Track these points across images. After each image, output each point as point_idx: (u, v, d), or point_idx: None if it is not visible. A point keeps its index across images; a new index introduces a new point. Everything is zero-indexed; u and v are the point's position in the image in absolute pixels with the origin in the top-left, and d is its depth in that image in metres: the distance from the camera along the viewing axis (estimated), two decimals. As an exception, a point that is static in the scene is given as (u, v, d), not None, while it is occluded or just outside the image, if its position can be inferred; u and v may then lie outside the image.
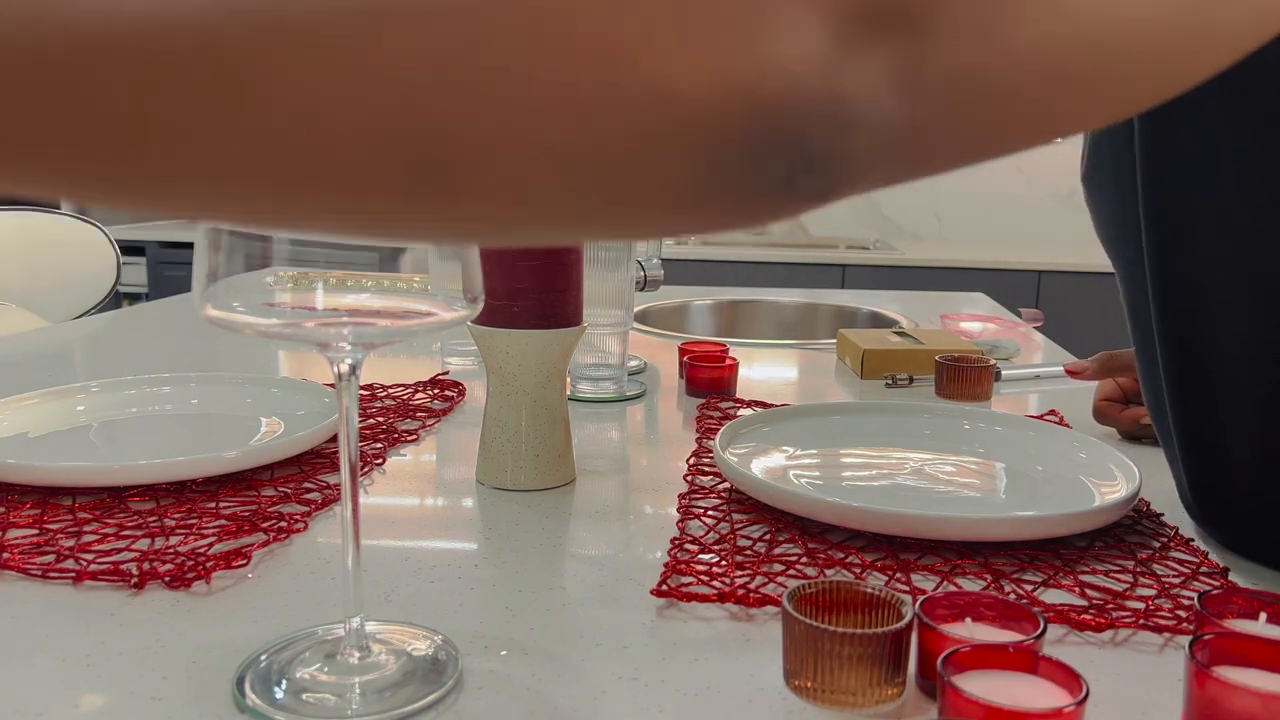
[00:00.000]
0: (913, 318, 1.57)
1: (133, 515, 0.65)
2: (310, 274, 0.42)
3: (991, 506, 0.69)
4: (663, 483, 0.76)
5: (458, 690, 0.46)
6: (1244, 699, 0.39)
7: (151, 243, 3.09)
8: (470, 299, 0.44)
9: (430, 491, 0.73)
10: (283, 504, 0.68)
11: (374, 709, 0.44)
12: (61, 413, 0.85)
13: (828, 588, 0.48)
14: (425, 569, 0.59)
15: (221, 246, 0.40)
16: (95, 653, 0.49)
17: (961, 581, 0.58)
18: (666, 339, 1.38)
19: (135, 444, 0.80)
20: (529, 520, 0.67)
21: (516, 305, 0.70)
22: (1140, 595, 0.56)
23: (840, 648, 0.44)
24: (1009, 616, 0.47)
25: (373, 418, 0.91)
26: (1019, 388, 1.10)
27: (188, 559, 0.58)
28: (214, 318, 0.41)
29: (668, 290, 1.75)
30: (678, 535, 0.64)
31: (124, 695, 0.45)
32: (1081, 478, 0.72)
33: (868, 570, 0.59)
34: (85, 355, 1.24)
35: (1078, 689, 0.39)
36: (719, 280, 2.81)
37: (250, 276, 0.41)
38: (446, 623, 0.52)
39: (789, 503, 0.64)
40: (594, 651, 0.50)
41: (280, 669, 0.46)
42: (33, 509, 0.66)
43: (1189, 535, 0.65)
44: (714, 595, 0.55)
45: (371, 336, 0.43)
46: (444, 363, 1.15)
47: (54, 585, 0.56)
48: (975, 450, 0.80)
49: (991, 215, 3.38)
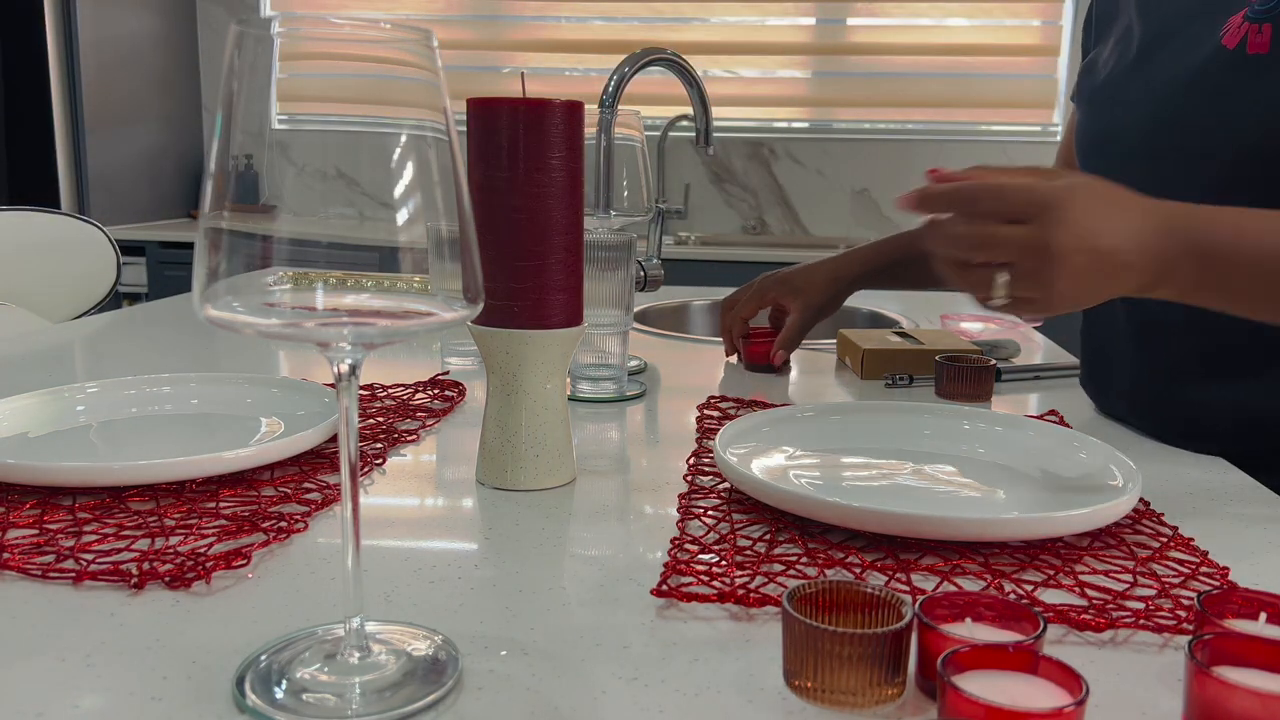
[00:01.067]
0: (913, 318, 1.57)
1: (133, 515, 0.65)
2: (310, 274, 0.42)
3: (991, 506, 0.69)
4: (663, 483, 0.76)
5: (458, 690, 0.46)
6: (1244, 699, 0.39)
7: (151, 243, 3.09)
8: (470, 299, 0.44)
9: (430, 491, 0.73)
10: (283, 504, 0.68)
11: (374, 709, 0.44)
12: (61, 413, 0.85)
13: (828, 588, 0.48)
14: (425, 569, 0.59)
15: (221, 246, 0.40)
16: (95, 653, 0.49)
17: (961, 581, 0.58)
18: (666, 339, 1.38)
19: (135, 444, 0.80)
20: (529, 520, 0.67)
21: (516, 305, 0.70)
22: (1140, 595, 0.56)
23: (840, 648, 0.43)
24: (1009, 616, 0.47)
25: (373, 418, 0.91)
26: (1019, 388, 1.10)
27: (188, 559, 0.58)
28: (214, 318, 0.41)
29: (668, 290, 1.75)
30: (678, 535, 0.64)
31: (124, 695, 0.45)
32: (1081, 478, 0.72)
33: (868, 570, 0.59)
34: (85, 355, 1.24)
35: (1078, 689, 0.39)
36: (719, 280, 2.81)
37: (250, 276, 0.41)
38: (446, 623, 0.52)
39: (789, 503, 0.64)
40: (594, 651, 0.50)
41: (280, 669, 0.46)
42: (33, 509, 0.66)
43: (1189, 535, 0.65)
44: (714, 595, 0.55)
45: (371, 336, 0.43)
46: (444, 363, 1.15)
47: (54, 585, 0.56)
48: (975, 450, 0.80)
49: (991, 215, 3.37)
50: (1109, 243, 0.66)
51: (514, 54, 3.48)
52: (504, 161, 0.69)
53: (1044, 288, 0.66)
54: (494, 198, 0.69)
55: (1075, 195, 0.66)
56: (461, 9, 3.49)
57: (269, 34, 0.40)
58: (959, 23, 3.28)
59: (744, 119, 3.40)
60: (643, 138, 1.32)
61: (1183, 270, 0.67)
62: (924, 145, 3.34)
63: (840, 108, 3.39)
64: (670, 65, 1.38)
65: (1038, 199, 0.65)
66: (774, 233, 3.43)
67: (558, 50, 3.45)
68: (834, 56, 3.37)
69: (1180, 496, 0.74)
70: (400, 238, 0.41)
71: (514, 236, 0.70)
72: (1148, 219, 0.68)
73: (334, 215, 0.41)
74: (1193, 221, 0.68)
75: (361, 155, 0.41)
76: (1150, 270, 0.67)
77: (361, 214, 0.42)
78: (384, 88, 0.43)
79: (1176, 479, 0.78)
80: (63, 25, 3.08)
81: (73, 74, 3.10)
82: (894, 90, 3.33)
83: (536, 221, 0.70)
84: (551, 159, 0.69)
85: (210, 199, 0.41)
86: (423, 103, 0.42)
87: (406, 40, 0.42)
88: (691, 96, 1.43)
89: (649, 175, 1.34)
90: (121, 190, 3.33)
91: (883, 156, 3.36)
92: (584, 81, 3.43)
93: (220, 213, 0.41)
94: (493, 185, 0.69)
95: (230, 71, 0.41)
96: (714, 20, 3.39)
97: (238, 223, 0.40)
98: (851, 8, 3.33)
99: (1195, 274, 0.67)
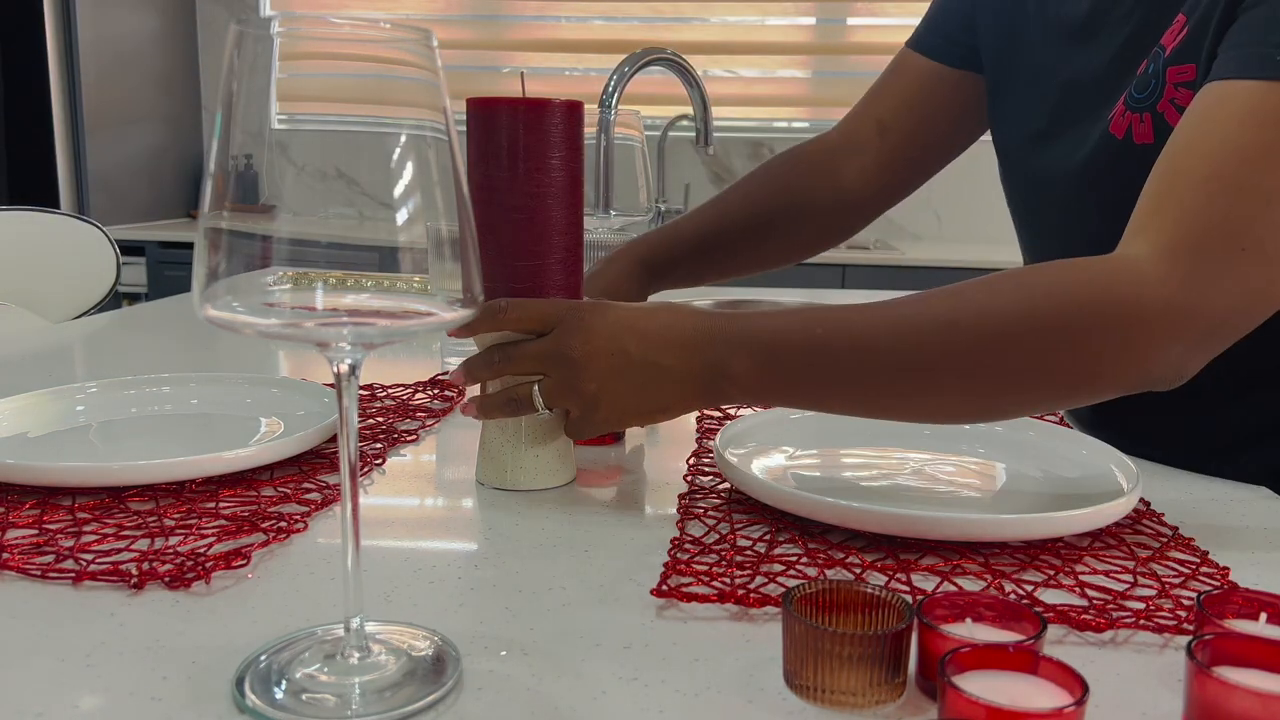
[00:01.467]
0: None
1: (132, 515, 0.65)
2: (310, 274, 0.42)
3: (991, 506, 0.69)
4: (663, 483, 0.76)
5: (458, 690, 0.46)
6: (1244, 699, 0.39)
7: (151, 243, 3.09)
8: (470, 299, 0.44)
9: (430, 491, 0.73)
10: (282, 504, 0.68)
11: (374, 709, 0.44)
12: (61, 413, 0.85)
13: (828, 588, 0.48)
14: (425, 569, 0.59)
15: (221, 246, 0.40)
16: (95, 653, 0.49)
17: (961, 581, 0.58)
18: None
19: (135, 444, 0.80)
20: (529, 520, 0.67)
21: (516, 305, 0.70)
22: (1140, 595, 0.56)
23: (840, 648, 0.43)
24: (1009, 616, 0.47)
25: (372, 418, 0.91)
26: (1019, 388, 1.10)
27: (188, 559, 0.58)
28: (214, 318, 0.41)
29: (668, 290, 1.75)
30: (678, 535, 0.64)
31: (124, 695, 0.45)
32: (1081, 478, 0.72)
33: (868, 570, 0.59)
34: (85, 355, 1.24)
35: (1078, 689, 0.39)
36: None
37: (250, 276, 0.41)
38: (446, 623, 0.52)
39: (789, 503, 0.64)
40: (594, 651, 0.50)
41: (280, 669, 0.46)
42: (32, 509, 0.66)
43: (1189, 535, 0.65)
44: (714, 595, 0.55)
45: (371, 336, 0.43)
46: (444, 363, 1.15)
47: (54, 585, 0.56)
48: (975, 450, 0.80)
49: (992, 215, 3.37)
50: (637, 345, 0.66)
51: (514, 54, 3.48)
52: (504, 161, 0.69)
53: (577, 394, 0.67)
54: (494, 198, 0.69)
55: (599, 306, 0.68)
56: (461, 9, 3.49)
57: (269, 34, 0.40)
58: (959, 23, 3.27)
59: (744, 119, 3.40)
60: (643, 138, 1.33)
61: (741, 370, 0.65)
62: (924, 145, 3.33)
63: (840, 108, 3.36)
64: (670, 65, 1.38)
65: (556, 311, 0.67)
66: (774, 233, 3.43)
67: (558, 50, 3.45)
68: (834, 56, 3.37)
69: (1180, 496, 0.74)
70: (400, 238, 0.41)
71: (514, 236, 0.70)
72: (689, 319, 0.67)
73: (334, 215, 0.41)
74: (748, 323, 0.66)
75: (361, 155, 0.41)
76: (698, 376, 0.65)
77: (361, 214, 0.42)
78: (384, 88, 0.43)
79: (1177, 479, 0.78)
80: (63, 25, 3.08)
81: (73, 74, 3.10)
82: (894, 90, 3.33)
83: (536, 221, 0.70)
84: (551, 159, 0.69)
85: (210, 199, 0.41)
86: (423, 103, 0.42)
87: (406, 40, 0.42)
88: (691, 96, 1.43)
89: (649, 175, 1.34)
90: (121, 190, 3.33)
91: (883, 156, 3.36)
92: (584, 81, 3.43)
93: (220, 213, 0.40)
94: (493, 185, 0.69)
95: (230, 71, 0.41)
96: (714, 20, 3.39)
97: (237, 223, 0.40)
98: (851, 8, 3.33)
99: (758, 373, 0.65)
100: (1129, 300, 0.61)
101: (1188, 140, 0.64)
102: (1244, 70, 0.63)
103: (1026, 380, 0.63)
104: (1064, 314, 0.61)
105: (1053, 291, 0.62)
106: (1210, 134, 0.63)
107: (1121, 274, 0.62)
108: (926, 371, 0.63)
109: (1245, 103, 0.62)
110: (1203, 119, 0.64)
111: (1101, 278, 0.62)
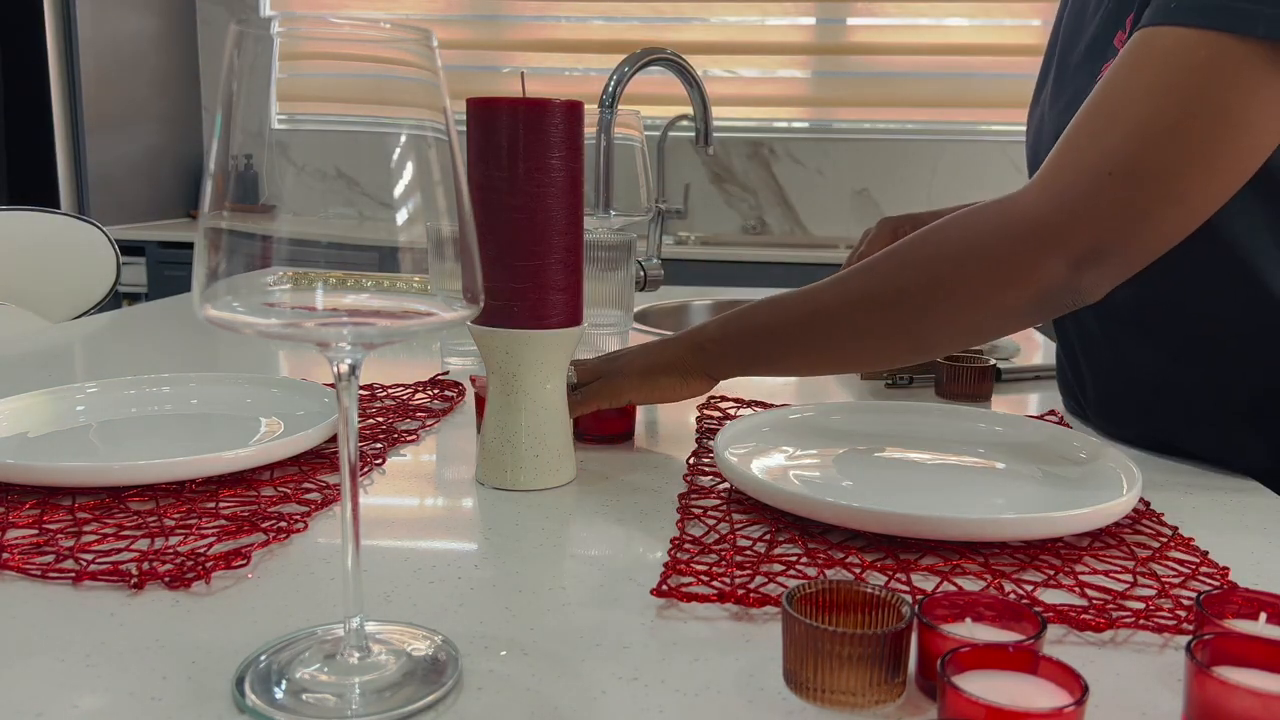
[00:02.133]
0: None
1: (132, 515, 0.65)
2: (310, 274, 0.42)
3: (991, 506, 0.69)
4: (663, 483, 0.76)
5: (458, 690, 0.46)
6: (1244, 699, 0.39)
7: (151, 243, 3.09)
8: (470, 299, 0.44)
9: (430, 491, 0.73)
10: (282, 504, 0.68)
11: (374, 709, 0.44)
12: (61, 413, 0.85)
13: (828, 588, 0.48)
14: (425, 569, 0.59)
15: (221, 246, 0.40)
16: (95, 653, 0.49)
17: (961, 581, 0.58)
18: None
19: (135, 444, 0.80)
20: (529, 520, 0.67)
21: (516, 305, 0.70)
22: (1140, 595, 0.56)
23: (840, 648, 0.43)
24: (1009, 616, 0.47)
25: (372, 418, 0.91)
26: (1019, 388, 1.10)
27: (187, 559, 0.58)
28: (214, 318, 0.41)
29: (668, 290, 1.75)
30: (677, 535, 0.64)
31: (124, 695, 0.45)
32: (1081, 477, 0.72)
33: (868, 570, 0.59)
34: (85, 355, 1.24)
35: (1078, 689, 0.39)
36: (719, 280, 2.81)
37: (250, 276, 0.41)
38: (446, 623, 0.52)
39: (789, 503, 0.64)
40: (594, 651, 0.50)
41: (280, 669, 0.46)
42: (32, 509, 0.66)
43: (1189, 535, 0.65)
44: (714, 595, 0.55)
45: (371, 336, 0.43)
46: (444, 363, 1.15)
47: (54, 585, 0.56)
48: (975, 450, 0.80)
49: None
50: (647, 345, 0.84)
51: (514, 54, 3.48)
52: (504, 161, 0.69)
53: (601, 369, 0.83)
54: (494, 198, 0.69)
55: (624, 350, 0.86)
56: (461, 9, 3.49)
57: (269, 34, 0.40)
58: (959, 22, 3.28)
59: (744, 119, 3.40)
60: (642, 138, 1.33)
61: (713, 329, 0.81)
62: (924, 145, 3.34)
63: (840, 108, 3.40)
64: (670, 65, 1.38)
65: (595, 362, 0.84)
66: (774, 233, 3.43)
67: (558, 50, 3.45)
68: (834, 56, 3.37)
69: (1180, 496, 0.74)
70: (400, 238, 0.41)
71: (514, 236, 0.70)
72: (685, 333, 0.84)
73: (334, 215, 0.41)
74: (723, 323, 0.82)
75: (361, 155, 0.42)
76: (685, 340, 0.82)
77: (361, 214, 0.42)
78: (384, 88, 0.43)
79: (1176, 479, 0.78)
80: (62, 25, 3.08)
81: (73, 74, 3.10)
82: (894, 90, 3.33)
83: (536, 221, 0.70)
84: (551, 159, 0.69)
85: (210, 199, 0.41)
86: (423, 103, 0.42)
87: (406, 40, 0.42)
88: (691, 96, 1.43)
89: (649, 175, 1.34)
90: (121, 190, 3.33)
91: (883, 156, 3.36)
92: (584, 81, 3.43)
93: (220, 212, 0.40)
94: (493, 185, 0.69)
95: (230, 71, 0.41)
96: (714, 20, 3.39)
97: (237, 223, 0.40)
98: (851, 8, 3.33)
99: (732, 350, 0.81)
100: (998, 224, 0.71)
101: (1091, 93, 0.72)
102: (1143, 22, 0.69)
103: (932, 312, 0.74)
104: (954, 244, 0.73)
105: (948, 230, 0.74)
106: (1104, 82, 0.70)
107: (999, 204, 0.72)
108: (849, 325, 0.77)
109: (1132, 47, 0.68)
110: (1105, 75, 0.71)
111: (986, 209, 0.73)
